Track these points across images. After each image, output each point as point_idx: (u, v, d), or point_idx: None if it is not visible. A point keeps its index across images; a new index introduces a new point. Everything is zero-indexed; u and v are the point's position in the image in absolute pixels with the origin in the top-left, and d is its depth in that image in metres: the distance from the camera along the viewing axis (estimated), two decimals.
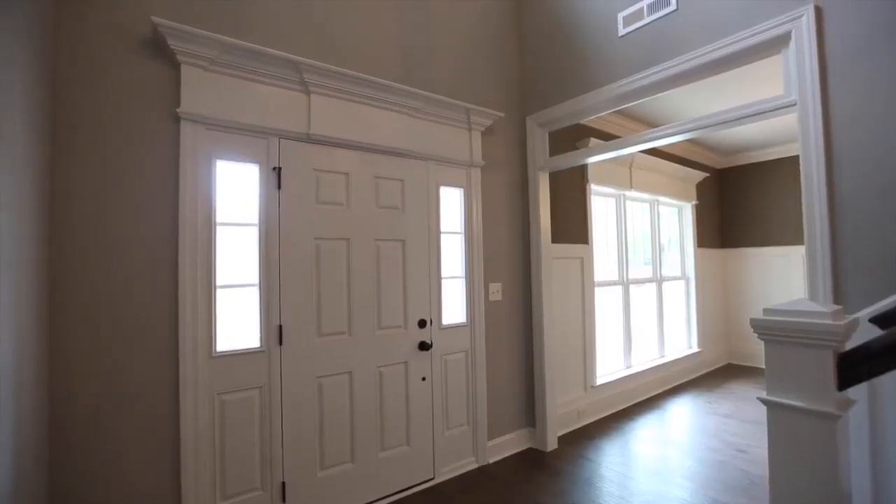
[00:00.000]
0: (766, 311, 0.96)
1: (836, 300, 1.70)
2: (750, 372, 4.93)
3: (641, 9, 2.38)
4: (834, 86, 1.74)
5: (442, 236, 2.66)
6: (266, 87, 2.03)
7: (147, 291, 1.75)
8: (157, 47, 1.80)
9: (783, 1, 1.86)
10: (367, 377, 2.31)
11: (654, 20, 2.31)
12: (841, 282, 1.70)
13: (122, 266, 1.70)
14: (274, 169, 2.06)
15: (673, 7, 2.23)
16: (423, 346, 2.50)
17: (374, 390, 2.33)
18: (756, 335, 0.97)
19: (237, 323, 1.99)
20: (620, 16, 2.48)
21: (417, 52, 2.61)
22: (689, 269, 5.02)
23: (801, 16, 1.78)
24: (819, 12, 1.76)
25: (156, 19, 1.69)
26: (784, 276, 5.02)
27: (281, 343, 2.05)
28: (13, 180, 1.28)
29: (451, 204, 2.75)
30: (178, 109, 1.80)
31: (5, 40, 1.22)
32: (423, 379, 2.52)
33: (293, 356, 2.08)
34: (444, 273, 2.66)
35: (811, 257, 1.76)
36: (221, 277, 1.94)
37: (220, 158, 1.94)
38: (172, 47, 1.76)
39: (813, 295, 1.76)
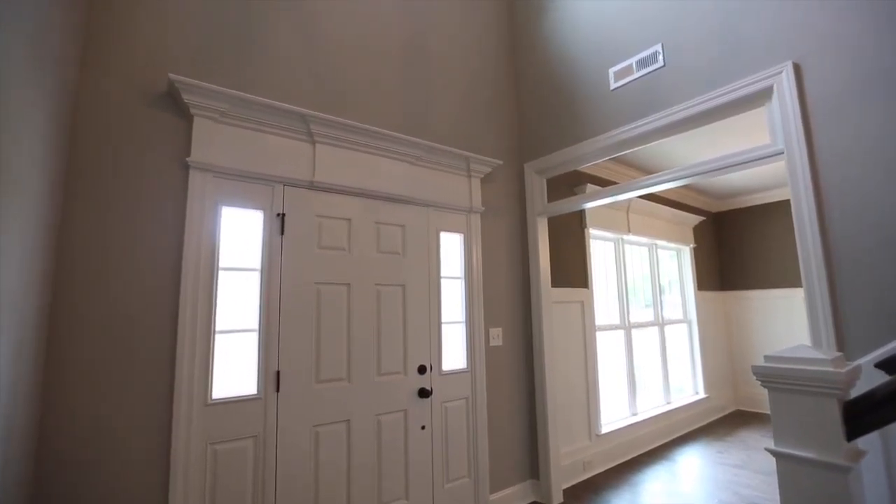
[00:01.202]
0: (766, 357, 0.96)
1: (840, 345, 1.68)
2: (760, 419, 4.78)
3: (631, 65, 2.51)
4: (818, 135, 1.81)
5: (442, 281, 2.67)
6: (273, 138, 2.12)
7: (146, 336, 1.74)
8: (172, 101, 1.90)
9: (762, 58, 1.97)
10: (366, 426, 2.24)
11: (644, 75, 2.44)
12: (843, 326, 1.69)
13: (124, 310, 1.70)
14: (278, 215, 2.11)
15: (660, 63, 2.36)
16: (423, 393, 2.45)
17: (372, 440, 2.26)
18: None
19: (234, 369, 1.97)
20: (611, 71, 2.62)
21: (419, 102, 2.74)
22: (691, 312, 4.99)
23: (781, 72, 1.89)
24: (797, 69, 1.87)
25: (173, 76, 1.79)
26: (787, 319, 4.98)
27: (278, 390, 2.01)
28: (24, 229, 1.31)
29: (452, 249, 2.78)
30: (187, 159, 1.87)
31: (35, 104, 1.29)
32: (423, 428, 2.45)
33: (290, 404, 2.03)
34: (444, 318, 2.65)
35: (811, 301, 1.77)
36: (221, 323, 1.94)
37: (226, 205, 1.99)
38: (186, 101, 1.86)
39: (815, 340, 1.75)
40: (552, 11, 3.07)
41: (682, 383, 4.77)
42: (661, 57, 2.36)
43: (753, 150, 2.03)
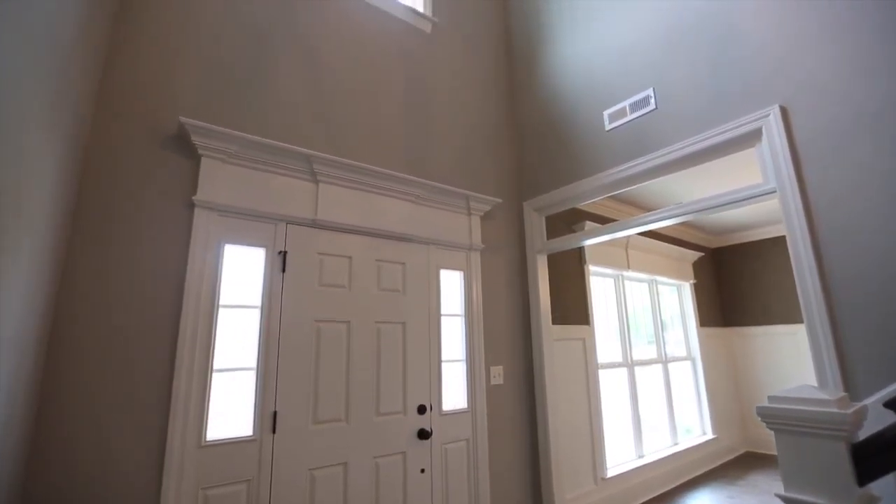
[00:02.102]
0: (770, 398, 0.94)
1: (846, 384, 1.66)
2: (771, 461, 4.61)
3: (625, 107, 2.61)
4: (809, 174, 1.85)
5: (442, 319, 2.66)
6: (277, 177, 2.17)
7: (142, 374, 1.72)
8: (181, 142, 1.96)
9: (750, 102, 2.05)
10: (363, 469, 2.17)
11: (637, 117, 2.53)
12: (848, 364, 1.67)
13: (122, 347, 1.69)
14: (280, 253, 2.13)
15: (652, 106, 2.45)
16: (423, 435, 2.38)
17: (369, 484, 2.18)
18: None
19: (230, 408, 1.93)
20: (606, 113, 2.71)
21: (420, 142, 2.82)
22: (694, 348, 4.92)
23: (768, 114, 1.96)
24: (784, 111, 1.94)
25: (183, 119, 1.86)
26: (793, 356, 4.90)
27: (274, 431, 1.96)
28: (32, 264, 1.33)
29: (452, 286, 2.79)
30: (193, 197, 1.91)
31: (51, 146, 1.34)
32: (423, 471, 2.36)
33: (286, 446, 1.98)
34: (444, 356, 2.62)
35: (813, 339, 1.75)
36: (219, 361, 1.92)
37: (229, 242, 2.02)
38: (195, 142, 1.92)
39: (821, 378, 1.72)
40: (548, 57, 3.22)
41: (690, 423, 4.64)
42: (653, 100, 2.45)
43: (747, 188, 2.07)
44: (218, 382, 1.90)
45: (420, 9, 3.14)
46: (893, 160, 1.63)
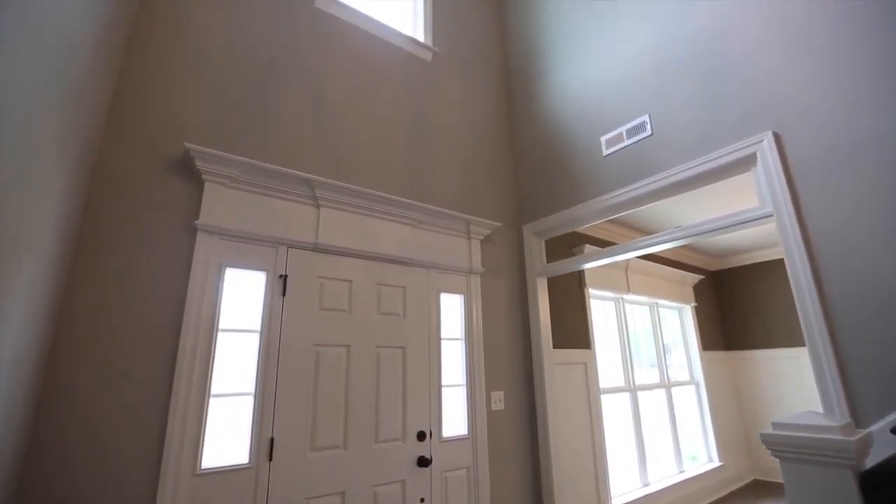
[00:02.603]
0: (774, 425, 0.93)
1: (852, 409, 1.63)
2: (781, 490, 4.49)
3: (621, 133, 2.66)
4: (805, 199, 1.87)
5: (443, 343, 2.64)
6: (280, 201, 2.19)
7: (139, 399, 1.69)
8: (185, 167, 1.99)
9: (743, 128, 2.09)
10: (361, 498, 2.12)
11: (633, 143, 2.58)
12: (852, 388, 1.65)
13: (119, 371, 1.68)
14: (280, 276, 2.14)
15: (648, 132, 2.50)
16: (422, 462, 2.33)
17: None
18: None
19: (226, 435, 1.89)
20: (603, 139, 2.76)
21: (420, 167, 2.86)
22: (697, 373, 4.86)
23: (762, 140, 2.00)
24: (778, 137, 1.97)
25: (189, 145, 1.90)
26: (798, 379, 4.84)
27: (271, 458, 1.92)
28: (34, 287, 1.33)
29: (452, 310, 2.78)
30: (196, 221, 1.93)
31: (58, 171, 1.36)
32: (422, 501, 2.30)
33: (283, 473, 1.93)
34: (444, 381, 2.59)
35: (816, 363, 1.74)
36: (216, 386, 1.90)
37: (230, 266, 2.02)
38: (200, 167, 1.95)
39: (826, 404, 1.70)
40: (546, 84, 3.29)
41: (695, 450, 4.54)
42: (648, 126, 2.50)
43: (744, 212, 2.09)
44: (215, 408, 1.88)
45: (421, 39, 3.24)
46: (885, 187, 1.65)
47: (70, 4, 1.33)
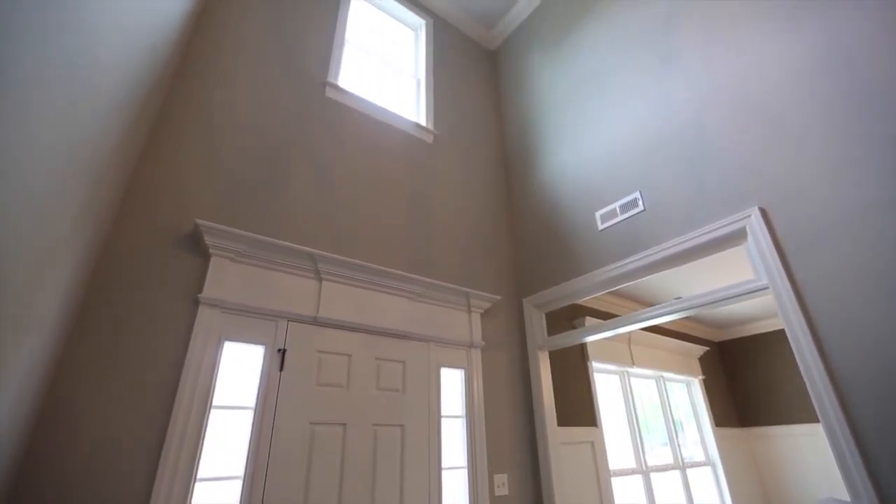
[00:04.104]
0: None
1: (876, 486, 1.54)
2: None
3: (615, 208, 2.77)
4: (797, 270, 1.90)
5: (443, 420, 2.54)
6: (282, 275, 2.23)
7: (121, 480, 1.60)
8: (193, 241, 2.06)
9: (730, 203, 2.19)
10: None
11: (627, 218, 2.67)
12: (874, 466, 1.57)
13: (105, 448, 1.60)
14: (279, 350, 2.11)
15: (641, 208, 2.61)
16: None
17: None
18: None
19: None
20: (598, 213, 2.87)
21: (421, 241, 2.94)
22: (713, 452, 4.60)
23: (750, 215, 2.08)
24: (764, 212, 2.06)
25: (199, 221, 1.97)
26: (819, 457, 4.55)
27: None
28: (32, 369, 1.32)
29: (452, 386, 2.71)
30: (199, 295, 1.95)
31: (70, 245, 1.42)
32: None
33: None
34: (445, 462, 2.45)
35: (833, 441, 1.67)
36: (204, 469, 1.80)
37: (229, 340, 2.01)
38: (207, 242, 2.01)
39: (851, 485, 1.60)
40: (542, 162, 3.49)
41: None
42: (640, 202, 2.61)
43: (741, 284, 2.12)
44: (200, 494, 1.76)
45: (423, 123, 3.49)
46: (877, 254, 1.69)
47: (124, 71, 1.46)
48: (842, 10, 1.99)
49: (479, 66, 4.29)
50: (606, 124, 3.01)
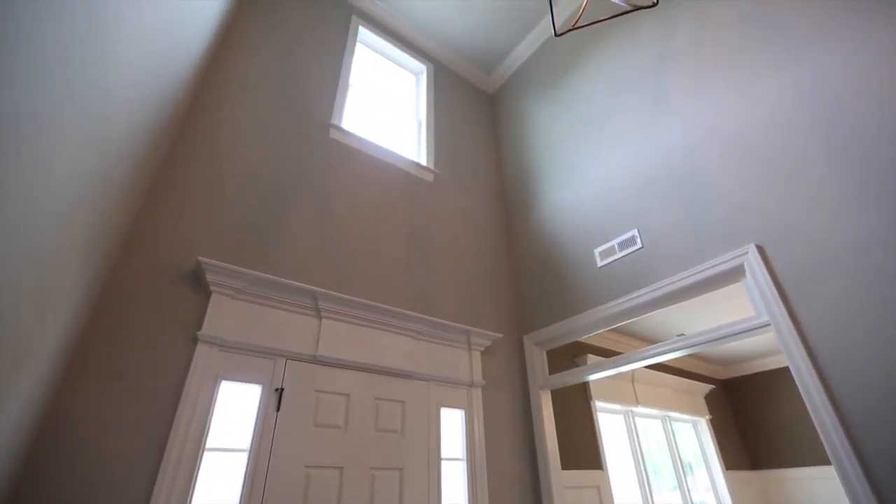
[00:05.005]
0: None
1: None
2: None
3: (613, 246, 2.79)
4: (798, 307, 1.90)
5: (443, 463, 2.46)
6: (282, 313, 2.22)
7: None
8: (194, 279, 2.06)
9: (727, 241, 2.21)
10: None
11: (626, 255, 2.69)
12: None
13: (94, 489, 1.54)
14: (276, 390, 2.08)
15: (639, 245, 2.63)
16: None
17: None
18: None
19: None
20: (597, 251, 2.89)
21: (421, 279, 2.94)
22: (724, 497, 4.41)
23: (747, 252, 2.10)
24: (761, 249, 2.08)
25: (202, 259, 1.99)
26: (841, 501, 4.35)
27: None
28: (26, 406, 1.30)
29: (452, 426, 2.64)
30: (198, 332, 1.94)
31: (75, 283, 1.43)
32: None
33: None
34: None
35: (847, 485, 1.61)
36: None
37: (226, 379, 1.98)
38: (209, 280, 2.02)
39: None
40: (540, 200, 3.54)
41: None
42: (638, 239, 2.64)
43: (743, 321, 2.11)
44: None
45: (424, 162, 3.57)
46: (876, 288, 1.70)
47: (139, 116, 1.51)
48: (827, 54, 2.08)
49: (479, 108, 4.44)
50: (602, 163, 3.09)
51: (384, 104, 3.71)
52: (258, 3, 3.14)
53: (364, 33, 3.85)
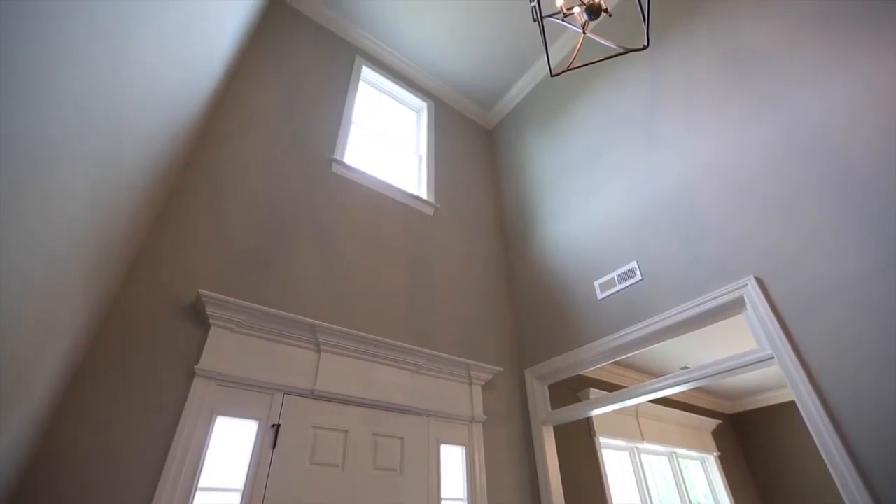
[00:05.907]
0: None
1: None
2: None
3: (613, 278, 2.80)
4: (800, 337, 1.88)
5: None
6: (281, 346, 2.21)
7: None
8: (194, 312, 2.06)
9: (726, 274, 2.21)
10: None
11: (625, 287, 2.69)
12: None
13: None
14: (272, 426, 2.03)
15: (639, 277, 2.64)
16: None
17: None
18: None
19: None
20: (597, 283, 2.89)
21: (422, 314, 2.93)
22: None
23: (746, 285, 2.10)
24: (760, 281, 2.08)
25: (202, 292, 1.99)
26: None
27: None
28: (21, 437, 1.27)
29: (453, 464, 2.56)
30: (195, 366, 1.92)
31: (75, 317, 1.43)
32: None
33: None
34: None
35: None
36: None
37: (222, 415, 1.94)
38: (209, 313, 2.01)
39: None
40: (540, 233, 3.57)
41: None
42: (638, 272, 2.65)
43: (745, 354, 2.09)
44: None
45: (424, 196, 3.63)
46: (878, 316, 1.69)
47: (146, 148, 1.55)
48: (812, 91, 2.16)
49: (478, 144, 4.55)
50: (600, 197, 3.14)
51: (386, 140, 3.81)
52: (267, 41, 3.28)
53: (367, 72, 4.00)
